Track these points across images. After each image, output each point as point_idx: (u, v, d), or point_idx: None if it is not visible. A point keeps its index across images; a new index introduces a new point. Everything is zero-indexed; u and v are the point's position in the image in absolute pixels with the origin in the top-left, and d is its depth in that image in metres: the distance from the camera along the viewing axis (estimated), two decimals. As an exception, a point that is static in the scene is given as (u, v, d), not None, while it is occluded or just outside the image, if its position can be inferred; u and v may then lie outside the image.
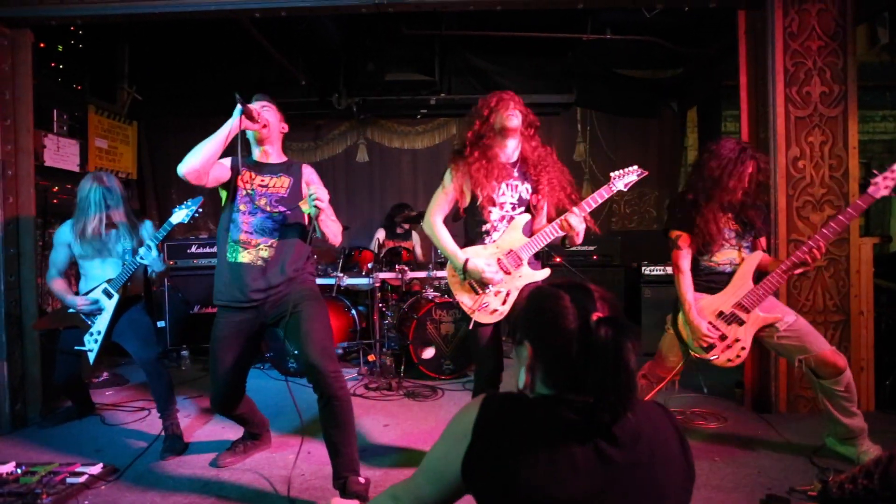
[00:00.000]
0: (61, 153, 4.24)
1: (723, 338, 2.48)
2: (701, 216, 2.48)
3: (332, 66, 5.35)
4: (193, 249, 4.71)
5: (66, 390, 3.17)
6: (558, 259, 4.69)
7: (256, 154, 2.43)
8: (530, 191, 2.34)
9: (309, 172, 2.46)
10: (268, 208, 2.33)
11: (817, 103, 3.12)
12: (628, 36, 4.87)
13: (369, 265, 4.40)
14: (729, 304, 2.48)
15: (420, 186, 6.04)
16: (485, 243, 2.33)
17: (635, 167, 2.34)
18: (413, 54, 5.13)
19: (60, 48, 4.28)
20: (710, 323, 2.49)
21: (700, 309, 2.51)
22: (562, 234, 2.28)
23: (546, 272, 2.36)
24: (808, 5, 3.09)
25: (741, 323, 2.47)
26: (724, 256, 2.55)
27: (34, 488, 2.21)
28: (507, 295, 2.30)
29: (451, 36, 5.04)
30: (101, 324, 2.79)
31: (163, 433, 2.81)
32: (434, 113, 5.86)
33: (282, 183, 2.38)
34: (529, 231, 2.34)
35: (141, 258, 2.66)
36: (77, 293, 2.87)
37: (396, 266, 4.25)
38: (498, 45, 5.24)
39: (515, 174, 2.32)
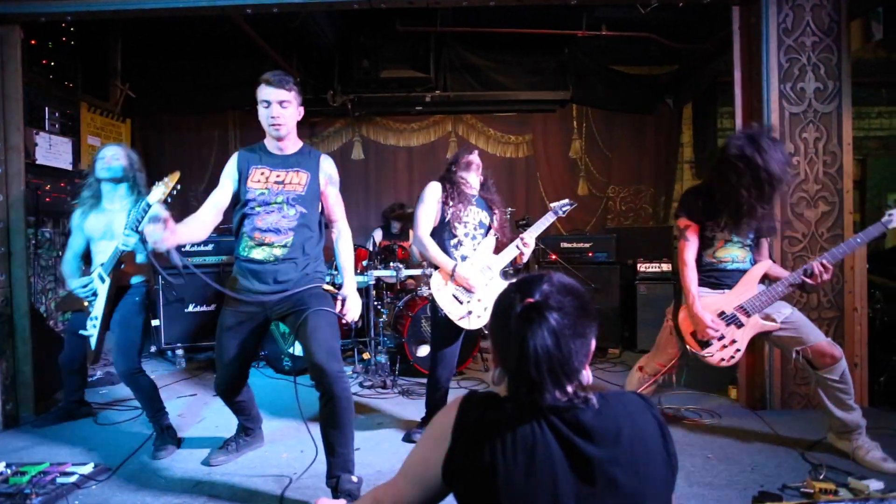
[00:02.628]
0: (53, 151, 4.21)
1: (720, 337, 2.48)
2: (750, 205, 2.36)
3: (327, 63, 5.33)
4: (187, 247, 4.67)
5: (68, 371, 3.11)
6: (553, 256, 4.69)
7: (270, 145, 2.37)
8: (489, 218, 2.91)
9: (328, 166, 2.44)
10: (284, 208, 2.30)
11: (811, 99, 3.11)
12: (624, 32, 4.87)
13: (364, 263, 4.38)
14: (731, 306, 2.48)
15: (416, 184, 5.98)
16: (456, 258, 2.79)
17: (567, 199, 3.05)
18: (408, 51, 5.10)
19: (51, 45, 4.24)
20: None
21: (703, 306, 2.51)
22: (518, 251, 2.80)
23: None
24: (802, 1, 3.09)
25: (739, 325, 2.47)
26: (727, 253, 2.54)
27: (24, 489, 2.19)
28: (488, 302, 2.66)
29: (446, 32, 5.02)
30: (97, 308, 2.74)
31: (154, 433, 2.80)
32: (429, 110, 5.83)
33: (299, 179, 2.34)
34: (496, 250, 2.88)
35: (125, 245, 2.56)
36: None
37: (391, 263, 4.24)
38: (493, 41, 5.22)
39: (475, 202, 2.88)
